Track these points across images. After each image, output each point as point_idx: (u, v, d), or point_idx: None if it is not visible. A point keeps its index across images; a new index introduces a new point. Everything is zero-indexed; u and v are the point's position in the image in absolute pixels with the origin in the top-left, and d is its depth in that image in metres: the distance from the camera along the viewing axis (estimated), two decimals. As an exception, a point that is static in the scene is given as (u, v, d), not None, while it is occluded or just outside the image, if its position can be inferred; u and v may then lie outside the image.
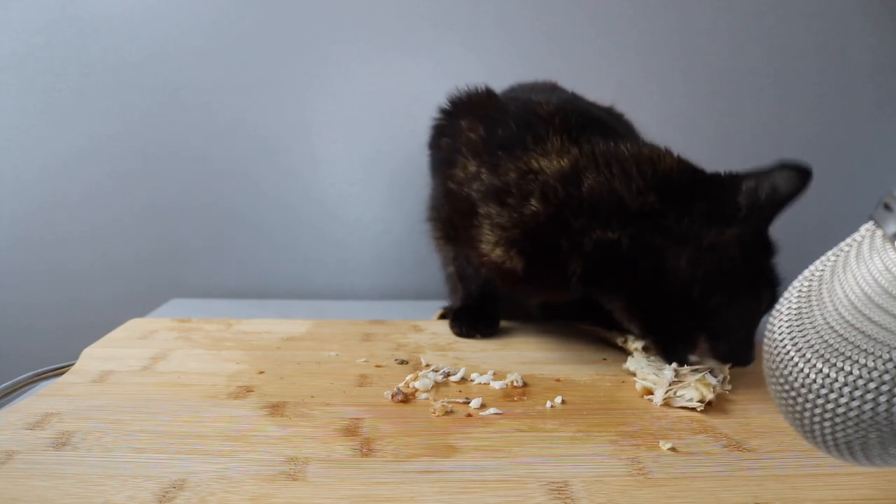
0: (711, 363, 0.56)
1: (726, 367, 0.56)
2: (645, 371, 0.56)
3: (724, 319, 0.56)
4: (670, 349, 0.58)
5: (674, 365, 0.56)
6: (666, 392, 0.52)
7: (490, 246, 0.63)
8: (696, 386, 0.52)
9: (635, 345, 0.63)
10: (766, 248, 0.58)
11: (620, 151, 0.60)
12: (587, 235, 0.58)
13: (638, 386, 0.55)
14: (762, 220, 0.57)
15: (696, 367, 0.56)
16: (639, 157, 0.59)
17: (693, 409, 0.51)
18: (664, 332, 0.59)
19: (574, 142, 0.61)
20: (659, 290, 0.57)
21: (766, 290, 0.57)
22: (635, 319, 0.61)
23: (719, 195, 0.57)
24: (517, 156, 0.62)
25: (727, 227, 0.56)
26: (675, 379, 0.54)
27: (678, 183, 0.58)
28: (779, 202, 0.56)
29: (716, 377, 0.54)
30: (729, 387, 0.54)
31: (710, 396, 0.51)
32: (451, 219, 0.70)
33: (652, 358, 0.59)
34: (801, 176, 0.55)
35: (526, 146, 0.62)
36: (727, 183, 0.57)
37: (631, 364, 0.59)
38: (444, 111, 0.72)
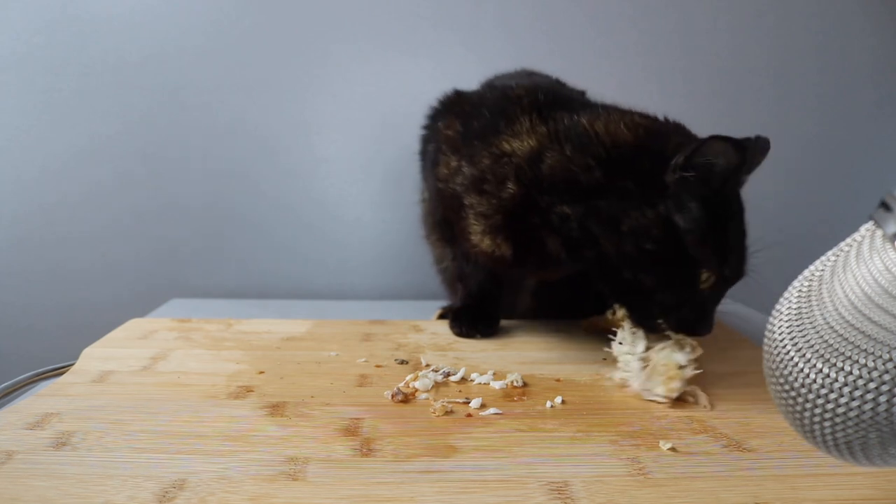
0: (675, 343, 0.55)
1: (690, 339, 0.55)
2: (624, 352, 0.57)
3: (665, 296, 0.55)
4: (636, 316, 0.58)
5: (640, 351, 0.55)
6: (638, 383, 0.53)
7: (479, 236, 0.64)
8: (664, 380, 0.52)
9: (620, 312, 0.62)
10: (718, 223, 0.54)
11: (579, 125, 0.59)
12: (552, 212, 0.58)
13: (616, 377, 0.55)
14: (707, 194, 0.53)
15: (665, 346, 0.55)
16: (591, 130, 0.58)
17: (665, 401, 0.51)
18: (627, 302, 0.59)
19: (543, 121, 0.61)
20: (604, 267, 0.57)
21: (722, 265, 0.54)
22: (605, 290, 0.61)
23: (653, 171, 0.55)
24: (490, 142, 0.63)
25: (652, 208, 0.54)
26: (644, 363, 0.54)
27: (621, 157, 0.56)
28: (720, 177, 0.53)
29: (685, 352, 0.53)
30: (695, 354, 0.53)
31: (676, 392, 0.51)
32: (446, 217, 0.71)
33: (635, 331, 0.58)
34: (735, 148, 0.51)
35: (498, 130, 0.63)
36: (666, 157, 0.54)
37: (616, 347, 0.58)
38: (426, 119, 0.75)
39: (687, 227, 0.53)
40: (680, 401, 0.52)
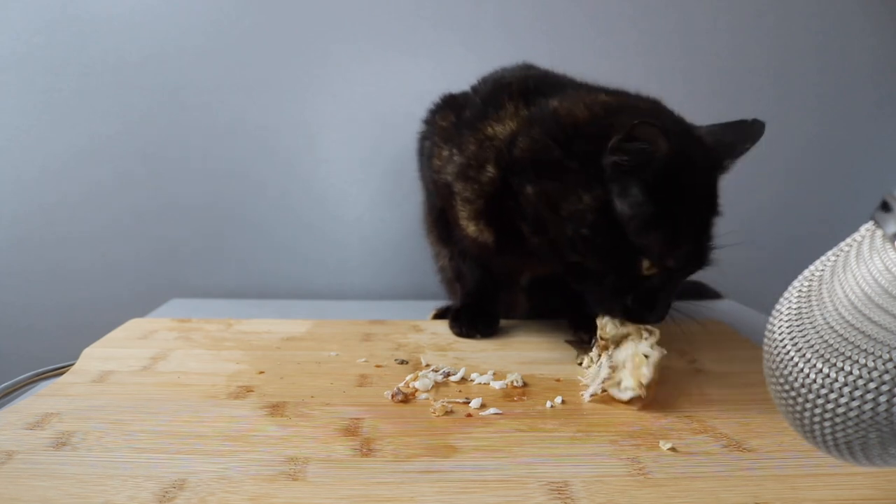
0: (634, 333, 0.54)
1: (647, 327, 0.54)
2: (590, 366, 0.57)
3: (609, 282, 0.54)
4: (589, 302, 0.57)
5: (606, 363, 0.55)
6: (599, 389, 0.53)
7: (465, 222, 0.65)
8: (632, 371, 0.52)
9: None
10: (668, 208, 0.52)
11: (549, 106, 0.59)
12: (520, 194, 0.58)
13: (589, 392, 0.54)
14: (638, 182, 0.51)
15: (625, 345, 0.54)
16: (558, 112, 0.58)
17: (640, 392, 0.51)
18: (580, 287, 0.58)
19: (527, 106, 0.61)
20: (553, 249, 0.56)
21: (673, 251, 0.52)
22: (567, 277, 0.59)
23: (590, 154, 0.53)
24: (477, 128, 0.63)
25: (589, 191, 0.53)
26: (610, 373, 0.53)
27: (574, 137, 0.55)
28: (653, 165, 0.50)
29: (645, 341, 0.53)
30: (654, 338, 0.53)
31: (646, 378, 0.51)
32: (443, 210, 0.72)
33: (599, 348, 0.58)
34: (664, 137, 0.48)
35: (486, 116, 0.63)
36: (598, 140, 0.52)
37: (585, 365, 0.59)
38: (425, 118, 0.76)
39: (626, 213, 0.52)
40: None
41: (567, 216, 0.54)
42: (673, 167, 0.50)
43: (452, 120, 0.68)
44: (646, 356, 0.52)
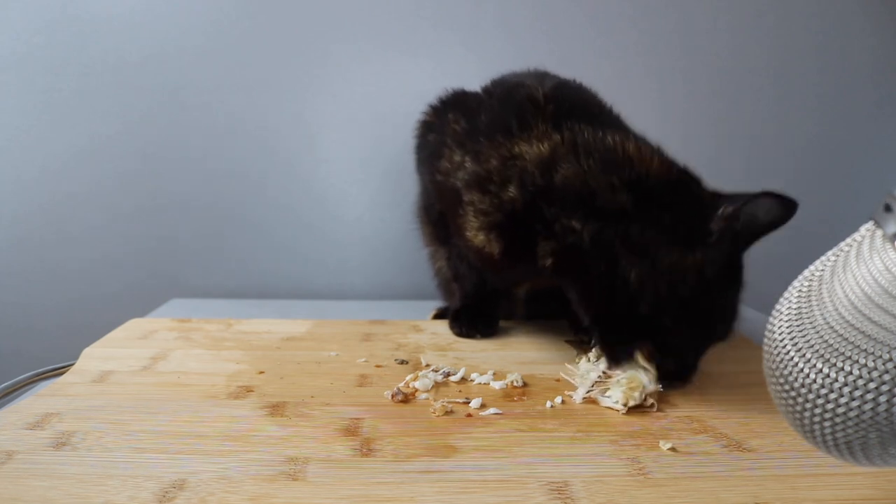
0: (643, 369, 0.54)
1: (652, 368, 0.54)
2: (587, 369, 0.57)
3: (669, 340, 0.54)
4: (610, 349, 0.57)
5: (602, 367, 0.55)
6: (587, 392, 0.53)
7: (474, 232, 0.64)
8: (624, 388, 0.52)
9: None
10: (732, 279, 0.55)
11: (604, 143, 0.58)
12: (557, 224, 0.57)
13: (579, 393, 0.54)
14: (734, 248, 0.54)
15: (631, 369, 0.54)
16: (620, 151, 0.57)
17: (620, 409, 0.51)
18: (609, 331, 0.57)
19: (557, 128, 0.60)
20: (611, 292, 0.55)
21: (722, 323, 0.55)
22: (587, 310, 0.59)
23: (692, 213, 0.54)
24: (500, 142, 0.62)
25: (692, 251, 0.53)
26: (602, 378, 0.54)
27: (655, 188, 0.55)
28: (755, 232, 0.53)
29: (649, 378, 0.53)
30: (659, 386, 0.53)
31: (632, 402, 0.50)
32: (442, 213, 0.71)
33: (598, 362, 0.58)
34: (785, 207, 0.52)
35: (511, 131, 0.62)
36: (704, 202, 0.54)
37: (581, 365, 0.59)
38: (432, 107, 0.74)
39: (714, 277, 0.53)
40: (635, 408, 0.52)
41: (666, 269, 0.53)
42: (762, 234, 0.54)
43: (465, 125, 0.67)
44: (643, 386, 0.52)
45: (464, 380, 0.57)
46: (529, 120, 0.61)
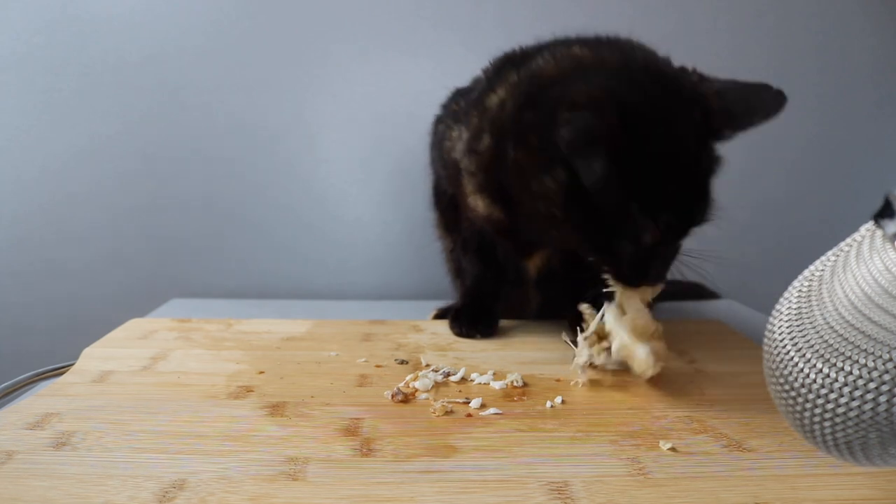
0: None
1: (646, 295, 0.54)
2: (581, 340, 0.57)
3: (605, 252, 0.52)
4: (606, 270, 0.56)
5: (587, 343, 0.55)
6: (585, 361, 0.54)
7: (473, 197, 0.64)
8: (637, 360, 0.53)
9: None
10: (633, 176, 0.48)
11: (533, 66, 0.56)
12: (506, 161, 0.56)
13: (580, 362, 0.56)
14: (600, 153, 0.47)
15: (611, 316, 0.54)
16: (536, 69, 0.55)
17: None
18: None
19: (519, 70, 0.59)
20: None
21: (633, 230, 0.50)
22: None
23: (544, 126, 0.50)
24: (478, 104, 0.62)
25: (547, 174, 0.50)
26: (595, 336, 0.55)
27: (543, 99, 0.52)
28: (604, 137, 0.47)
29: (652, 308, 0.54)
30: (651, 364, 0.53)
31: (650, 371, 0.52)
32: (452, 193, 0.71)
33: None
34: (611, 109, 0.46)
35: (489, 89, 0.62)
36: (549, 109, 0.49)
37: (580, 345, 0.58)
38: (442, 105, 0.75)
39: (593, 189, 0.48)
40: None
41: (537, 194, 0.52)
42: (639, 137, 0.47)
43: (462, 103, 0.68)
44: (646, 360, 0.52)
45: (464, 380, 0.57)
46: (501, 73, 0.61)
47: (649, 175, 0.49)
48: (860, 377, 0.28)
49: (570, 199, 0.51)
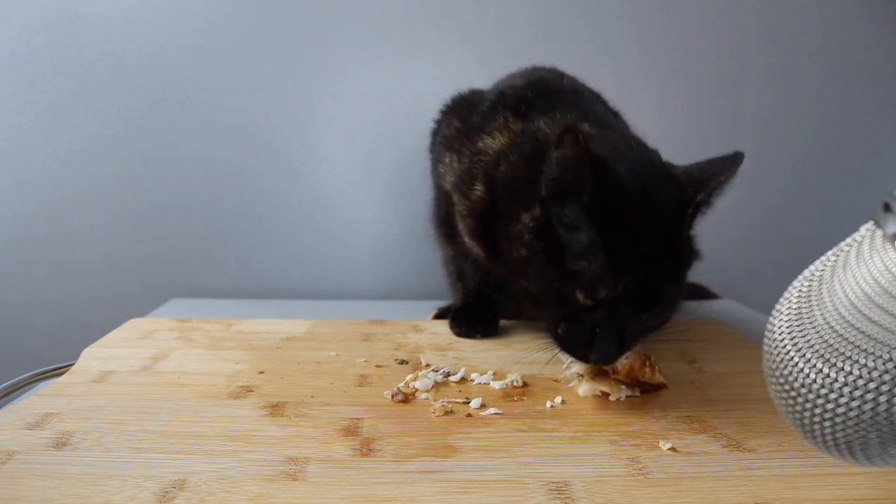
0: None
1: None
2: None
3: (546, 309, 0.51)
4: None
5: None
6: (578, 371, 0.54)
7: (464, 236, 0.64)
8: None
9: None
10: (603, 235, 0.47)
11: (535, 126, 0.56)
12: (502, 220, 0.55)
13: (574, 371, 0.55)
14: (573, 201, 0.47)
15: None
16: (540, 132, 0.55)
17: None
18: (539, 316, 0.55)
19: (520, 118, 0.58)
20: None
21: (582, 286, 0.48)
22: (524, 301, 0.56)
23: (531, 173, 0.51)
24: (473, 140, 0.61)
25: (526, 212, 0.50)
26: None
27: (538, 160, 0.51)
28: (583, 182, 0.46)
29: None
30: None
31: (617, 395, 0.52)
32: (449, 213, 0.71)
33: None
34: (585, 147, 0.46)
35: (483, 127, 0.61)
36: (533, 159, 0.50)
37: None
38: (440, 112, 0.74)
39: (563, 236, 0.48)
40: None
41: (512, 235, 0.52)
42: (614, 193, 0.47)
43: (457, 126, 0.66)
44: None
45: (464, 380, 0.57)
46: (496, 114, 0.60)
47: (618, 237, 0.47)
48: (860, 377, 0.28)
49: (540, 235, 0.50)
